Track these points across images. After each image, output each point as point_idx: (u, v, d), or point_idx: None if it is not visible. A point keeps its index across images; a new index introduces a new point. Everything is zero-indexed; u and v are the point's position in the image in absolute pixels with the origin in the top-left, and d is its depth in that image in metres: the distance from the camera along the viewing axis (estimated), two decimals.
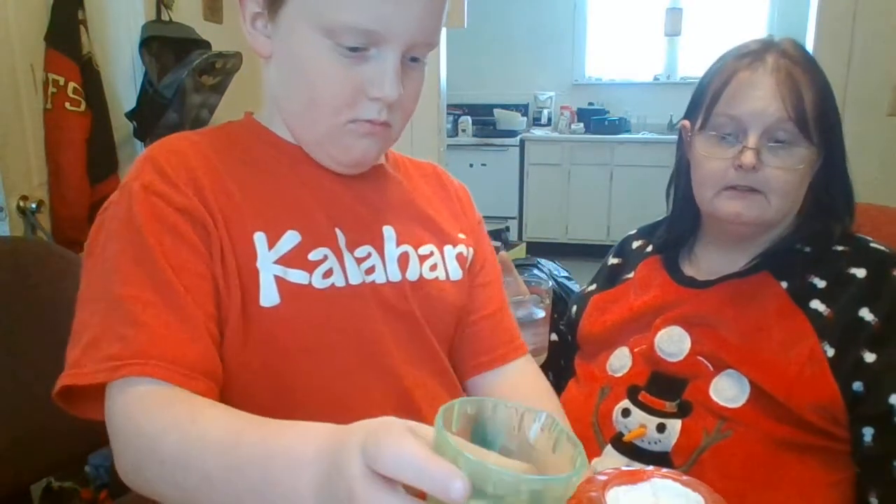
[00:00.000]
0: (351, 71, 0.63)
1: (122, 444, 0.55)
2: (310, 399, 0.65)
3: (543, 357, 0.89)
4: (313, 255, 0.67)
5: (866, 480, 0.78)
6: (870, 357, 0.76)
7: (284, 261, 0.65)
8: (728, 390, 0.81)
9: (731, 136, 0.84)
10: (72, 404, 0.61)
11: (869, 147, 2.43)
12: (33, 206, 1.78)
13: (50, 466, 1.08)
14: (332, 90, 0.64)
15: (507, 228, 4.27)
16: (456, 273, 0.78)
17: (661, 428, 0.82)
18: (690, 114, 0.90)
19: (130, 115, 1.97)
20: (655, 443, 0.82)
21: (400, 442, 0.35)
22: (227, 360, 0.63)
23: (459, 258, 0.79)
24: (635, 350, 0.90)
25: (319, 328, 0.66)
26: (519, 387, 0.79)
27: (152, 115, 1.95)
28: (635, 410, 0.85)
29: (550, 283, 0.94)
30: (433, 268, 0.76)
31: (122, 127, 2.01)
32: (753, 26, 4.75)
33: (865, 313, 0.78)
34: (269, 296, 0.64)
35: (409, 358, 0.72)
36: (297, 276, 0.65)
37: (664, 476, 0.63)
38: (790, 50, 0.84)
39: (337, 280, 0.67)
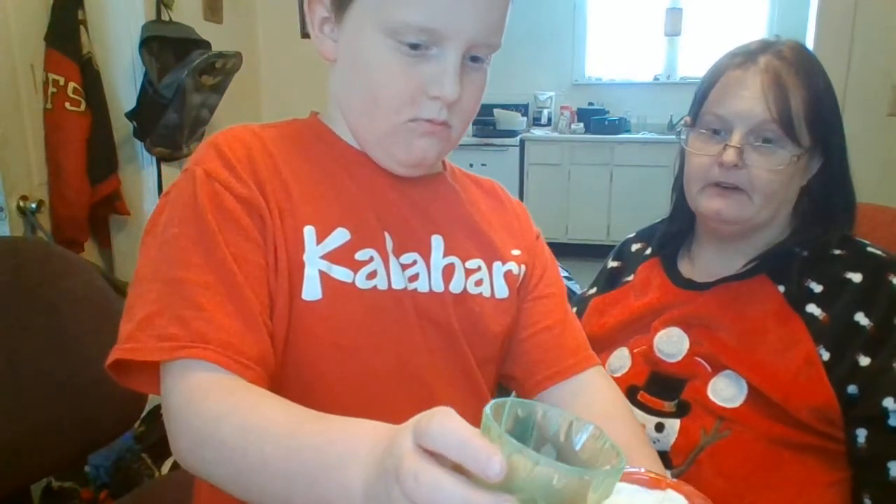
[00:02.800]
0: (412, 69, 0.64)
1: (181, 425, 0.56)
2: (335, 401, 0.65)
3: None
4: (360, 255, 0.67)
5: (860, 481, 0.78)
6: (864, 361, 0.77)
7: (331, 257, 0.66)
8: (726, 390, 0.81)
9: (719, 135, 0.84)
10: (121, 376, 0.61)
11: (869, 147, 2.43)
12: (33, 206, 1.78)
13: (50, 466, 1.09)
14: (394, 88, 0.65)
15: None
16: (502, 291, 0.76)
17: (659, 427, 0.82)
18: (690, 110, 0.90)
19: (130, 115, 1.97)
20: (654, 442, 0.82)
21: (446, 419, 0.37)
22: None
23: (508, 276, 0.77)
24: (635, 350, 0.90)
25: (356, 327, 0.66)
26: (592, 404, 0.75)
27: (152, 115, 1.95)
28: (634, 410, 0.85)
29: None
30: (478, 283, 0.75)
31: (122, 127, 2.01)
32: (753, 26, 4.75)
33: (861, 318, 0.78)
34: (311, 290, 0.64)
35: (441, 369, 0.71)
36: (341, 273, 0.66)
37: (679, 491, 0.63)
38: (786, 52, 0.84)
39: (380, 283, 0.67)
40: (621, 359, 0.91)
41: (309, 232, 0.65)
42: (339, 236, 0.67)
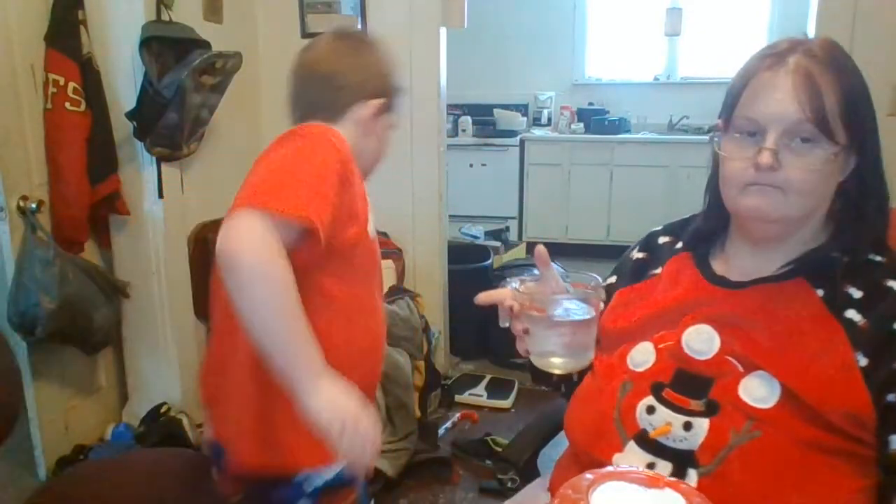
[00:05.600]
0: None
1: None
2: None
3: (587, 362, 0.86)
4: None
5: (889, 487, 0.77)
6: None
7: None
8: (758, 390, 0.80)
9: (753, 137, 0.83)
10: None
11: None
12: (33, 206, 1.78)
13: None
14: None
15: (507, 228, 4.25)
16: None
17: (687, 426, 0.81)
18: (722, 113, 0.90)
19: (130, 115, 1.97)
20: (681, 441, 0.81)
21: None
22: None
23: None
24: (660, 346, 0.89)
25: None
26: None
27: (152, 115, 1.94)
28: (660, 408, 0.84)
29: (599, 280, 0.88)
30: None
31: (122, 127, 2.01)
32: (754, 26, 4.75)
33: None
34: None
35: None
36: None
37: (677, 490, 0.62)
38: (816, 50, 0.83)
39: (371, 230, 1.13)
40: (645, 353, 0.90)
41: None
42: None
